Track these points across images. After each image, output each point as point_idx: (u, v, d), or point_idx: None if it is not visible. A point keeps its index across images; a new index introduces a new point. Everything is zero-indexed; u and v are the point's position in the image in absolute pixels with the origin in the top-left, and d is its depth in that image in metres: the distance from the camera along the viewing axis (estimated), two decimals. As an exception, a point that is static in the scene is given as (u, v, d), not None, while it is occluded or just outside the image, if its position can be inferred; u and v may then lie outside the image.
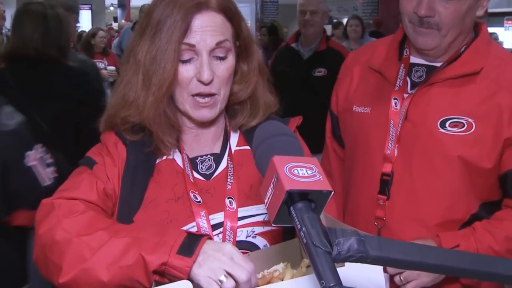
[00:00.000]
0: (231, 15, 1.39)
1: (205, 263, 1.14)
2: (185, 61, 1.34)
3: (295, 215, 0.84)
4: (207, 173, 1.44)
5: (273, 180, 0.87)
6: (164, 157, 1.42)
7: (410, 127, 1.71)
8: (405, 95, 1.74)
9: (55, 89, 2.83)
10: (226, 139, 1.48)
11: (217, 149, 1.47)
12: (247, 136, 1.48)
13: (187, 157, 1.43)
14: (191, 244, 1.17)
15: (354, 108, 1.84)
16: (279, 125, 1.11)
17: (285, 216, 0.86)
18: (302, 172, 0.87)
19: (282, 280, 1.22)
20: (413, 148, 1.70)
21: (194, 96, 1.36)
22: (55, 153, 2.18)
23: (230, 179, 1.42)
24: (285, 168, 0.87)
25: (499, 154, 1.65)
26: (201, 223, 1.35)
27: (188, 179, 1.39)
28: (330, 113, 1.99)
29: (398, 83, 1.76)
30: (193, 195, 1.37)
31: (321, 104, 3.46)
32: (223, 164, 1.45)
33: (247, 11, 15.18)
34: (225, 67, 1.37)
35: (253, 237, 1.40)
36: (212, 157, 1.46)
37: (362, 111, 1.82)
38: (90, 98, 2.84)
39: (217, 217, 1.38)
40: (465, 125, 1.65)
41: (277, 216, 0.86)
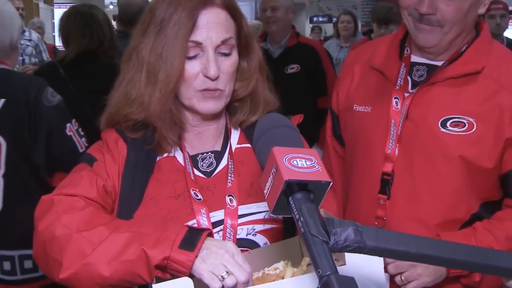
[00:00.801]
0: (234, 12, 1.40)
1: (208, 259, 1.15)
2: (190, 58, 1.35)
3: (293, 205, 0.85)
4: (208, 170, 1.44)
5: (273, 170, 0.88)
6: (164, 155, 1.43)
7: (411, 126, 1.70)
8: (406, 94, 1.73)
9: (101, 83, 3.12)
10: (227, 137, 1.49)
11: (218, 147, 1.47)
12: (248, 133, 1.48)
13: (188, 154, 1.43)
14: (193, 238, 1.17)
15: (354, 107, 1.83)
16: (280, 117, 1.13)
17: (284, 206, 0.87)
18: (301, 163, 0.88)
19: (282, 278, 1.22)
20: (414, 147, 1.69)
21: (200, 91, 1.37)
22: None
23: (230, 176, 1.42)
24: (285, 158, 0.88)
25: (500, 154, 1.65)
26: (201, 220, 1.35)
27: (188, 177, 1.39)
28: (330, 112, 1.98)
29: (399, 82, 1.75)
30: (194, 193, 1.37)
31: (299, 101, 3.32)
32: (224, 161, 1.45)
33: (247, 10, 15.00)
34: (230, 63, 1.38)
35: (253, 235, 1.40)
36: (213, 155, 1.46)
37: (362, 110, 1.81)
38: None
39: (218, 215, 1.38)
40: (466, 125, 1.65)
41: (276, 206, 0.87)
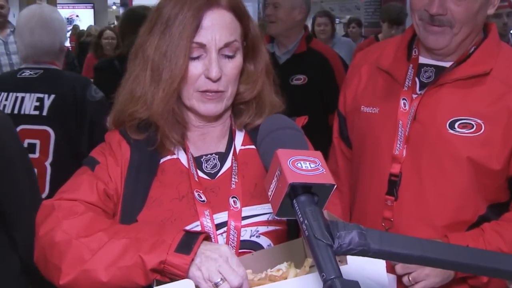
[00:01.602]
0: (241, 14, 1.39)
1: (203, 265, 1.15)
2: (194, 58, 1.34)
3: (297, 208, 0.84)
4: (212, 172, 1.43)
5: (277, 173, 0.88)
6: (168, 157, 1.42)
7: (419, 127, 1.69)
8: (414, 96, 1.72)
9: None
10: (231, 138, 1.48)
11: (222, 148, 1.47)
12: (252, 135, 1.47)
13: (192, 156, 1.42)
14: (189, 242, 1.18)
15: (362, 108, 1.83)
16: (284, 118, 1.12)
17: (288, 209, 0.86)
18: (305, 165, 0.87)
19: (285, 279, 1.22)
20: (422, 148, 1.69)
21: (201, 92, 1.36)
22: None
23: (234, 178, 1.42)
24: (289, 161, 0.87)
25: (508, 155, 1.64)
26: (205, 222, 1.35)
27: (192, 178, 1.39)
28: (337, 114, 1.98)
29: (407, 83, 1.75)
30: (198, 194, 1.37)
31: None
32: (228, 163, 1.45)
33: (250, 10, 15.06)
34: (233, 66, 1.37)
35: (257, 237, 1.40)
36: (217, 156, 1.45)
37: (370, 112, 1.80)
38: None
39: (221, 217, 1.38)
40: (474, 126, 1.64)
41: (280, 208, 0.87)
